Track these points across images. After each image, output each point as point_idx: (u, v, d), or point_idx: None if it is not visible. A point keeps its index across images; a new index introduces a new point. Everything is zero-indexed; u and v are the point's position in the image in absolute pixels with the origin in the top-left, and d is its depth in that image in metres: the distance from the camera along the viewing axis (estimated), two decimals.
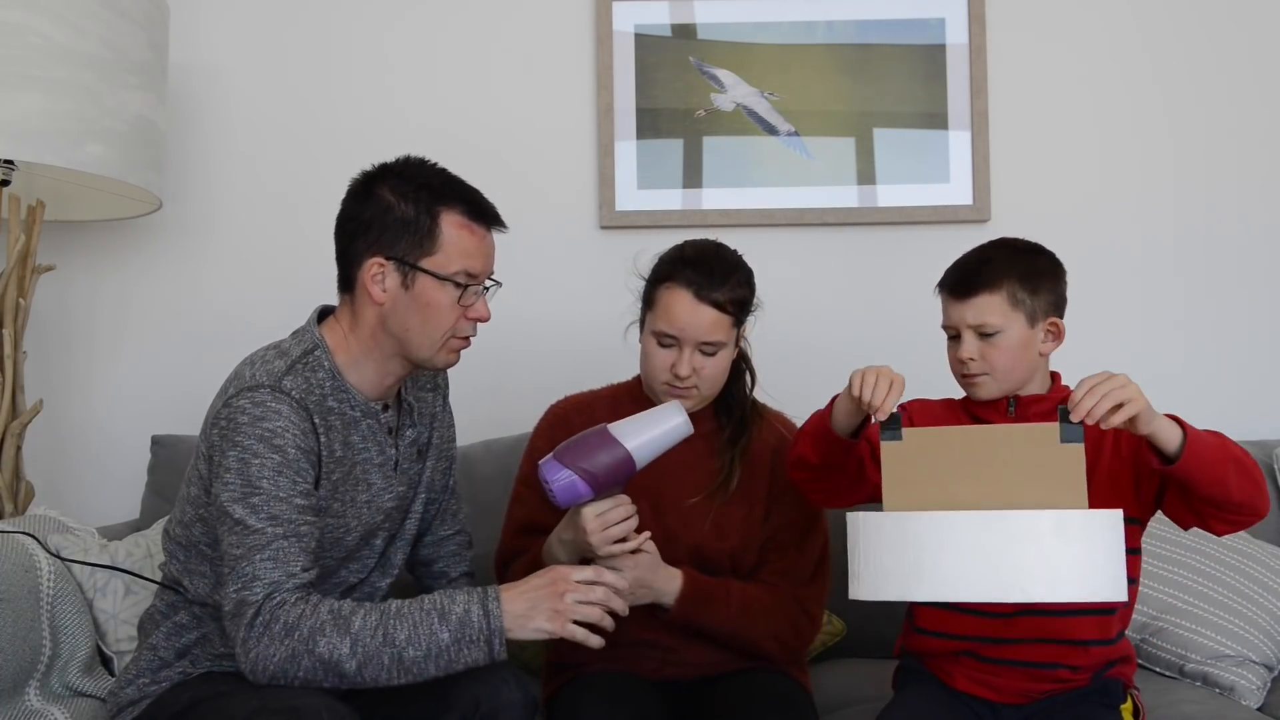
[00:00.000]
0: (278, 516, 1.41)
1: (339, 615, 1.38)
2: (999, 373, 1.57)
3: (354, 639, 1.36)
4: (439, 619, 1.38)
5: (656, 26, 2.52)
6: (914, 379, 1.80)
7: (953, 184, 2.49)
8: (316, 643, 1.36)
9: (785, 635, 1.70)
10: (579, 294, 2.48)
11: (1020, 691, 1.58)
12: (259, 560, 1.39)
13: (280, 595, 1.38)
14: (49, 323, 2.50)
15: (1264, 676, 1.97)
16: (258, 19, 2.56)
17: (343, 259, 1.55)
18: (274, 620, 1.37)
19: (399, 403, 1.63)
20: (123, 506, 2.41)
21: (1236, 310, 2.51)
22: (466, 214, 1.52)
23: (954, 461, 1.36)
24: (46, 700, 1.73)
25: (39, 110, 1.99)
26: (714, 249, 1.72)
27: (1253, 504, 1.44)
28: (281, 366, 1.47)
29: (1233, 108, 2.52)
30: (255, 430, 1.42)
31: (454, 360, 1.57)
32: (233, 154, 2.55)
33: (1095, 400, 1.33)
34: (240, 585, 1.39)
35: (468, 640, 1.38)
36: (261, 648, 1.36)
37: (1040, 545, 1.24)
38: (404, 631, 1.37)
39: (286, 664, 1.36)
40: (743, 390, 1.78)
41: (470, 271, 1.51)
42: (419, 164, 1.55)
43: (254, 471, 1.41)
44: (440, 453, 1.71)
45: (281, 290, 2.49)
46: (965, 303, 1.57)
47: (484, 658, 1.39)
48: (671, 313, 1.64)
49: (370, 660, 1.36)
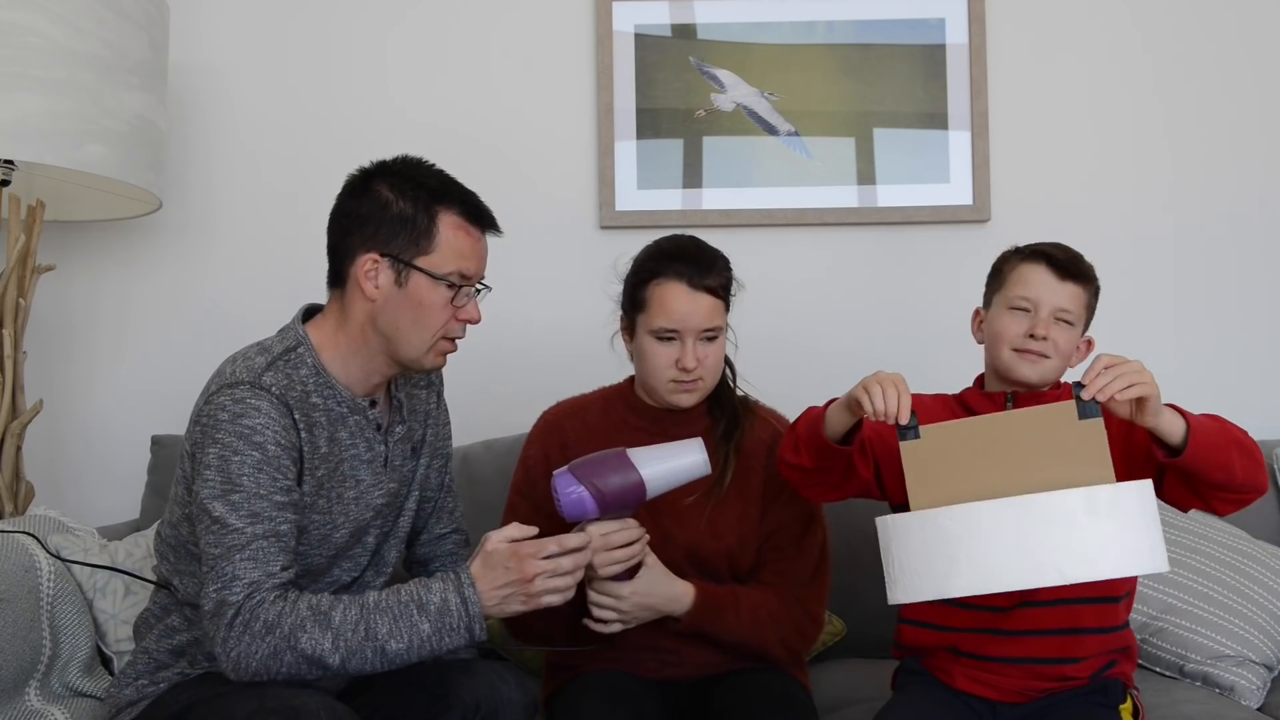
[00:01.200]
0: (258, 514, 1.41)
1: (318, 610, 1.38)
2: (1059, 358, 1.59)
3: (335, 633, 1.37)
4: (418, 611, 1.38)
5: (656, 26, 2.52)
6: (913, 378, 1.80)
7: (953, 184, 2.49)
8: (298, 639, 1.36)
9: (791, 638, 1.71)
10: (579, 294, 2.48)
11: (1020, 690, 1.58)
12: (239, 560, 1.39)
13: (260, 595, 1.38)
14: (49, 323, 2.50)
15: (1264, 676, 1.97)
16: (258, 19, 2.56)
17: (335, 254, 1.54)
18: (254, 619, 1.37)
19: (389, 399, 1.62)
20: (123, 506, 2.41)
21: (1234, 309, 2.51)
22: (464, 215, 1.52)
23: (975, 452, 1.34)
24: (46, 700, 1.73)
25: (39, 110, 1.99)
26: (690, 240, 1.73)
27: (1255, 482, 1.45)
28: (262, 363, 1.47)
29: (1231, 108, 2.52)
30: (234, 428, 1.42)
31: (441, 363, 1.57)
32: (233, 154, 2.55)
33: (1110, 379, 1.33)
34: (220, 585, 1.39)
35: (448, 629, 1.39)
36: (243, 646, 1.37)
37: (1072, 525, 1.23)
38: (385, 625, 1.38)
39: (269, 660, 1.37)
40: (727, 384, 1.78)
41: (464, 273, 1.51)
42: (418, 163, 1.55)
43: (234, 469, 1.41)
44: (435, 450, 1.71)
45: (282, 290, 2.48)
46: (1065, 284, 1.59)
47: (465, 642, 1.40)
48: (669, 306, 1.65)
49: (354, 654, 1.37)
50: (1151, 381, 1.35)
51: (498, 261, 1.59)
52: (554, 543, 1.44)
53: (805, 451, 1.56)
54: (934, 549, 1.27)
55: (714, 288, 1.67)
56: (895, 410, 1.40)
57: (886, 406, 1.40)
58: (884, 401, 1.41)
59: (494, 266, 1.59)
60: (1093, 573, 1.23)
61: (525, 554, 1.42)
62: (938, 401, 1.68)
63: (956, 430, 1.38)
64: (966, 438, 1.36)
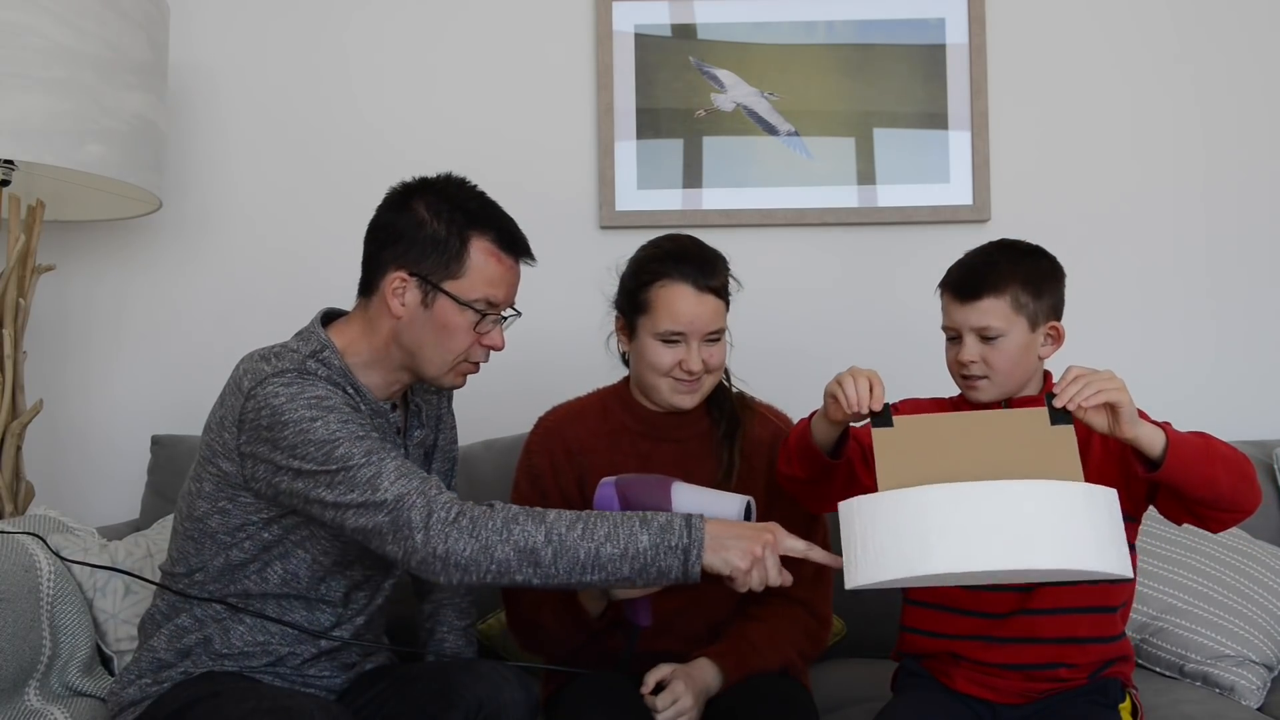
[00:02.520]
0: (371, 450, 1.39)
1: (531, 510, 1.38)
2: (999, 376, 1.57)
3: (549, 528, 1.36)
4: (640, 523, 1.37)
5: (656, 26, 2.52)
6: (913, 378, 1.81)
7: (953, 184, 2.49)
8: (511, 531, 1.35)
9: (806, 648, 1.72)
10: (579, 294, 2.48)
11: (1019, 692, 1.58)
12: (388, 485, 1.37)
13: (443, 495, 1.37)
14: (49, 323, 2.50)
15: (1264, 676, 1.97)
16: (258, 19, 2.56)
17: (368, 264, 1.55)
18: (459, 515, 1.36)
19: (406, 404, 1.63)
20: (123, 506, 2.41)
21: (1236, 310, 2.51)
22: (497, 242, 1.52)
23: (947, 446, 1.34)
24: (46, 700, 1.73)
25: (39, 110, 1.99)
26: (691, 240, 1.72)
27: (1243, 501, 1.44)
28: (298, 356, 1.47)
29: (1233, 107, 2.52)
30: (299, 403, 1.41)
31: (460, 383, 1.57)
32: (232, 154, 2.55)
33: (1079, 387, 1.35)
34: (387, 511, 1.36)
35: (666, 547, 1.36)
36: (451, 542, 1.34)
37: (1045, 514, 1.22)
38: (604, 529, 1.36)
39: (479, 555, 1.35)
40: (723, 383, 1.78)
41: (492, 300, 1.52)
42: (459, 184, 1.54)
43: (321, 432, 1.40)
44: (445, 454, 1.72)
45: (282, 290, 2.50)
46: (969, 305, 1.57)
47: (678, 568, 1.37)
48: (675, 309, 1.64)
49: (565, 551, 1.35)
50: (1122, 389, 1.36)
51: None
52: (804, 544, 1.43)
53: (796, 462, 1.56)
54: (904, 527, 1.24)
55: (718, 288, 1.66)
56: (866, 399, 1.41)
57: (859, 394, 1.41)
58: (854, 394, 1.41)
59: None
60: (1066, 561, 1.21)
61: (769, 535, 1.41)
62: (934, 405, 1.68)
63: (930, 423, 1.39)
64: (940, 431, 1.37)
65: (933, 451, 1.34)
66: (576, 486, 1.74)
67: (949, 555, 1.22)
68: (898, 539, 1.24)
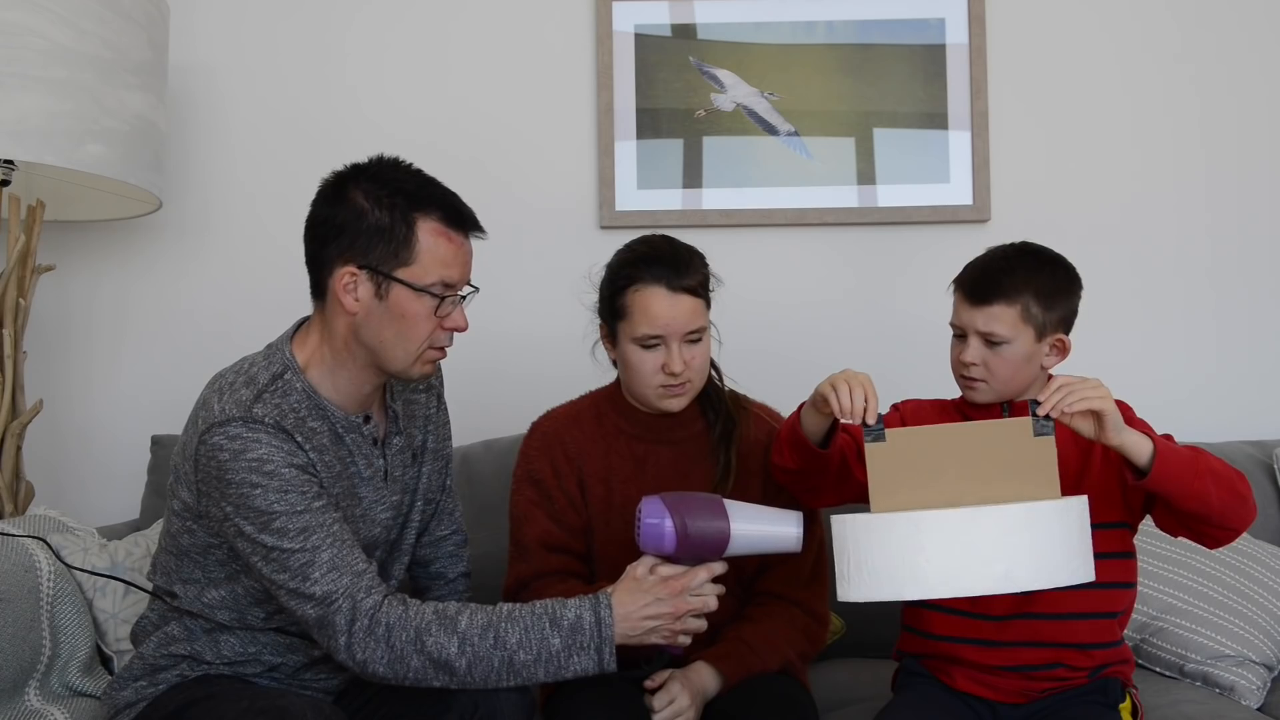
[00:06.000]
0: (307, 529, 1.38)
1: (444, 615, 1.37)
2: (998, 381, 1.57)
3: (461, 638, 1.36)
4: (550, 624, 1.38)
5: (656, 26, 2.52)
6: (912, 379, 1.82)
7: (953, 184, 2.49)
8: (424, 641, 1.36)
9: (803, 647, 1.72)
10: (579, 294, 2.48)
11: (1019, 691, 1.59)
12: (318, 576, 1.37)
13: (369, 598, 1.37)
14: (49, 323, 2.50)
15: (1264, 676, 1.97)
16: (258, 19, 2.56)
17: (313, 264, 1.48)
18: (375, 623, 1.36)
19: (384, 410, 1.59)
20: (123, 506, 2.41)
21: (1237, 309, 2.51)
22: (444, 220, 1.45)
23: (935, 460, 1.40)
24: (46, 700, 1.73)
25: (39, 110, 1.99)
26: (663, 240, 1.71)
27: (1235, 518, 1.45)
28: (249, 395, 1.41)
29: (1234, 107, 2.52)
30: (240, 464, 1.38)
31: (430, 371, 1.52)
32: (232, 154, 2.55)
33: (1063, 395, 1.39)
34: (315, 604, 1.37)
35: (578, 647, 1.38)
36: (368, 652, 1.36)
37: (1024, 540, 1.30)
38: (515, 635, 1.37)
39: (395, 664, 1.36)
40: (715, 383, 1.77)
41: (447, 281, 1.45)
42: (393, 165, 1.49)
43: (259, 503, 1.38)
44: (436, 454, 1.69)
45: (281, 290, 2.47)
46: (978, 308, 1.56)
47: (593, 666, 1.39)
48: (651, 312, 1.63)
49: (480, 660, 1.36)
50: (1107, 397, 1.39)
51: (498, 261, 1.57)
52: (705, 571, 1.43)
53: (787, 452, 1.57)
54: (899, 552, 1.32)
55: (693, 287, 1.64)
56: (860, 410, 1.43)
57: (854, 406, 1.43)
58: (850, 401, 1.43)
59: (494, 266, 1.56)
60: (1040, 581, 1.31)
61: (678, 588, 1.42)
62: (935, 406, 1.68)
63: (920, 436, 1.44)
64: (929, 444, 1.42)
65: (921, 469, 1.41)
66: (578, 488, 1.74)
67: (937, 580, 1.31)
68: (889, 562, 1.32)
